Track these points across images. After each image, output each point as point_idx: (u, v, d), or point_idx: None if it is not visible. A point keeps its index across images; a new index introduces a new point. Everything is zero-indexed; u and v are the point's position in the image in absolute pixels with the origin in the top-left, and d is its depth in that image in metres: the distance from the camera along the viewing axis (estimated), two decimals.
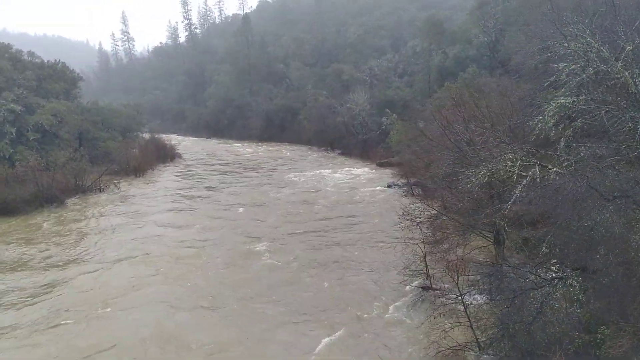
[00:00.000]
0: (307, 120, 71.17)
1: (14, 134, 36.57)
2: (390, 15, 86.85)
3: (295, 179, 40.08)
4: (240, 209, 30.41)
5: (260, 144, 72.16)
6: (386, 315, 15.68)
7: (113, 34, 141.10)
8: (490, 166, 13.95)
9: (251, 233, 25.03)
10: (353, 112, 57.85)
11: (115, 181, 37.49)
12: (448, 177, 18.14)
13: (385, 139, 50.14)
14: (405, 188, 33.99)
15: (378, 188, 34.61)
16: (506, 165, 13.61)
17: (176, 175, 44.13)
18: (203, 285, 18.41)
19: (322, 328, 14.90)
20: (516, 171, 13.43)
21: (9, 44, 42.57)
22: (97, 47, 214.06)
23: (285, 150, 62.42)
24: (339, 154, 56.97)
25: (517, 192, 13.30)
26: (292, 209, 30.18)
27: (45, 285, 18.59)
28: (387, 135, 50.97)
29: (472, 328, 12.70)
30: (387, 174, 40.18)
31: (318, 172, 42.57)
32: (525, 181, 13.21)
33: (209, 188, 37.78)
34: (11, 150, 36.21)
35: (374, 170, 42.75)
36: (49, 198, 30.96)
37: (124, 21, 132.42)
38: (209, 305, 16.70)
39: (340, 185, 36.74)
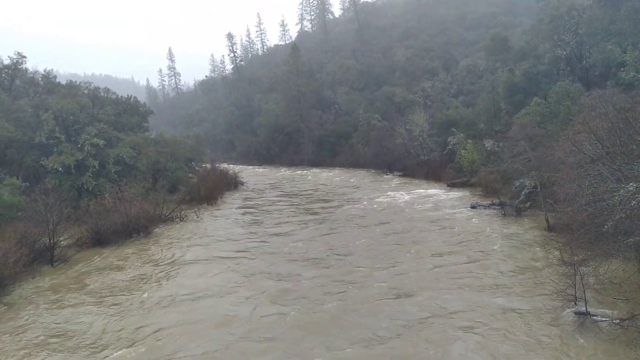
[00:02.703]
0: (361, 143, 71.15)
1: (97, 167, 37.62)
2: (438, 37, 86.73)
3: (372, 205, 39.08)
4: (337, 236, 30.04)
5: (313, 169, 72.41)
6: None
7: (160, 70, 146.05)
8: None
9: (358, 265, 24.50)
10: (413, 134, 57.42)
11: (194, 210, 37.87)
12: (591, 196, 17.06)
13: (452, 159, 49.30)
14: (491, 208, 33.07)
15: (463, 210, 33.59)
16: None
17: (245, 203, 44.29)
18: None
19: None
20: None
21: (87, 82, 44.53)
22: (141, 83, 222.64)
23: (343, 174, 62.16)
24: (399, 176, 56.26)
25: None
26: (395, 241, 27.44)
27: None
28: (453, 155, 50.17)
29: None
30: (463, 195, 39.23)
31: (391, 195, 41.81)
32: None
33: (284, 218, 36.32)
34: (94, 183, 37.22)
35: (446, 192, 41.77)
36: (136, 228, 31.40)
37: (170, 57, 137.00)
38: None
39: (421, 208, 35.32)
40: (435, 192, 41.81)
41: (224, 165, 66.19)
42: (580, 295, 15.55)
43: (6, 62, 45.88)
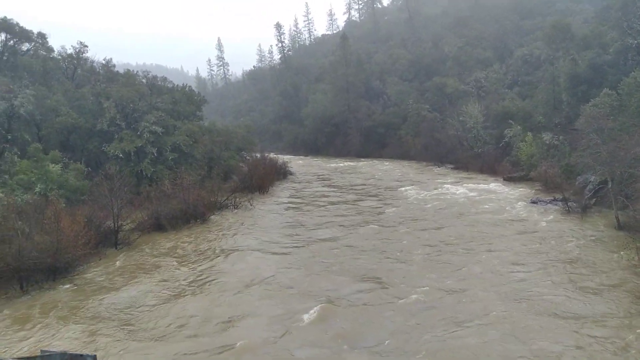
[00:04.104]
0: (410, 135, 70.01)
1: (155, 154, 38.58)
2: (491, 25, 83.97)
3: (427, 200, 38.19)
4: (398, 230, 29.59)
5: (360, 160, 71.85)
6: None
7: (209, 60, 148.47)
8: None
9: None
10: (466, 125, 55.97)
11: (247, 199, 38.22)
12: None
13: (508, 152, 47.77)
14: (552, 204, 31.79)
15: (524, 206, 32.32)
16: None
17: (294, 193, 44.32)
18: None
19: None
20: None
21: (146, 70, 45.81)
22: (189, 73, 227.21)
23: (392, 166, 61.30)
24: (451, 168, 54.96)
25: None
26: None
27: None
28: (509, 148, 48.61)
29: None
30: (522, 190, 37.88)
31: (447, 189, 40.67)
32: None
33: (331, 215, 33.85)
34: (152, 169, 38.20)
35: (504, 186, 40.45)
36: (194, 214, 32.00)
37: (219, 47, 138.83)
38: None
39: (480, 205, 33.50)
40: (492, 186, 40.55)
41: (272, 155, 66.74)
42: None
43: (69, 51, 47.71)
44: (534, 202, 32.77)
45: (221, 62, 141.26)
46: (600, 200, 30.79)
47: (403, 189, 41.97)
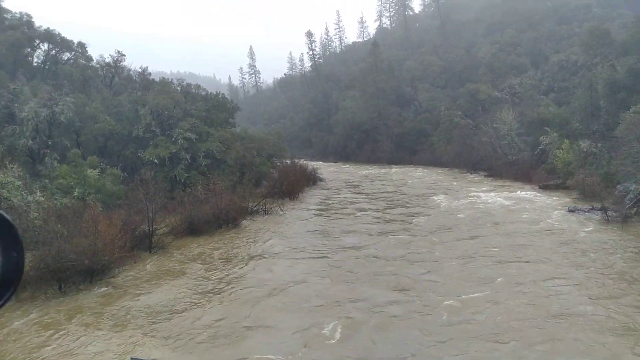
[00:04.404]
0: (442, 141, 69.30)
1: (189, 160, 39.25)
2: (525, 32, 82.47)
3: (461, 208, 37.81)
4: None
5: (391, 167, 71.40)
6: None
7: (241, 68, 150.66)
8: None
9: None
10: (500, 132, 55.01)
11: (277, 204, 38.42)
12: None
13: (544, 159, 46.68)
14: (591, 213, 30.81)
15: (561, 215, 31.40)
16: None
17: (324, 201, 44.27)
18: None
19: None
20: None
21: (180, 78, 46.87)
22: (222, 80, 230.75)
23: (424, 173, 60.66)
24: (485, 176, 54.02)
25: None
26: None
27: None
28: (545, 156, 47.51)
29: None
30: (559, 198, 36.89)
31: (481, 197, 39.80)
32: None
33: (360, 223, 33.23)
34: (186, 175, 38.86)
35: (540, 194, 39.45)
36: (226, 219, 32.33)
37: (251, 56, 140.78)
38: None
39: (517, 215, 32.33)
40: (528, 194, 39.60)
41: (302, 162, 67.02)
42: None
43: (107, 60, 49.22)
44: (571, 211, 31.83)
45: (252, 70, 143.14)
46: None
47: (435, 197, 41.29)
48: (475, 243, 26.45)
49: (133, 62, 54.65)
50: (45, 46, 46.03)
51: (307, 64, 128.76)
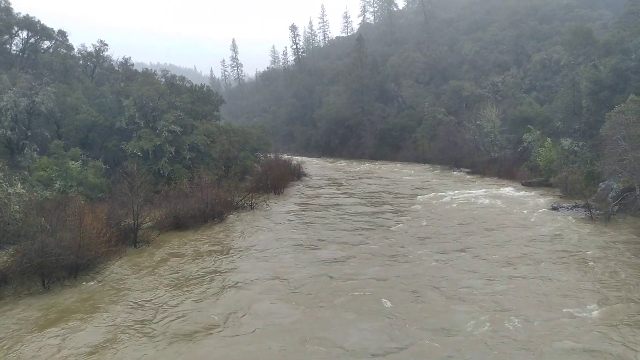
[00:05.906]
0: (425, 138, 69.69)
1: (173, 153, 38.65)
2: (508, 30, 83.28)
3: (447, 204, 37.97)
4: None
5: (374, 163, 71.55)
6: None
7: (223, 61, 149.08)
8: None
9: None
10: (483, 129, 55.55)
11: (262, 199, 38.10)
12: None
13: (526, 156, 47.32)
14: (574, 211, 31.32)
15: (545, 212, 31.83)
16: None
17: (309, 195, 44.08)
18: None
19: None
20: None
21: (165, 70, 46.02)
22: (202, 73, 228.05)
23: (407, 170, 60.93)
24: (468, 172, 54.52)
25: None
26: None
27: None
28: (527, 153, 48.17)
29: None
30: (541, 195, 37.43)
31: (465, 193, 40.17)
32: None
33: (344, 222, 31.94)
34: (170, 168, 38.26)
35: (522, 191, 39.98)
36: (212, 214, 31.96)
37: (234, 48, 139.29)
38: None
39: (502, 211, 32.60)
40: (511, 192, 40.07)
41: (285, 156, 66.61)
42: None
43: (89, 49, 47.97)
44: (554, 209, 32.30)
45: (235, 63, 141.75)
46: (623, 208, 30.34)
47: (420, 197, 40.43)
48: (463, 247, 25.23)
49: (114, 53, 53.28)
50: (24, 34, 44.69)
51: (291, 58, 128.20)
